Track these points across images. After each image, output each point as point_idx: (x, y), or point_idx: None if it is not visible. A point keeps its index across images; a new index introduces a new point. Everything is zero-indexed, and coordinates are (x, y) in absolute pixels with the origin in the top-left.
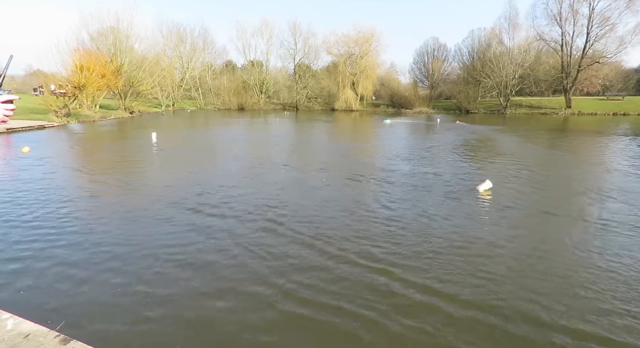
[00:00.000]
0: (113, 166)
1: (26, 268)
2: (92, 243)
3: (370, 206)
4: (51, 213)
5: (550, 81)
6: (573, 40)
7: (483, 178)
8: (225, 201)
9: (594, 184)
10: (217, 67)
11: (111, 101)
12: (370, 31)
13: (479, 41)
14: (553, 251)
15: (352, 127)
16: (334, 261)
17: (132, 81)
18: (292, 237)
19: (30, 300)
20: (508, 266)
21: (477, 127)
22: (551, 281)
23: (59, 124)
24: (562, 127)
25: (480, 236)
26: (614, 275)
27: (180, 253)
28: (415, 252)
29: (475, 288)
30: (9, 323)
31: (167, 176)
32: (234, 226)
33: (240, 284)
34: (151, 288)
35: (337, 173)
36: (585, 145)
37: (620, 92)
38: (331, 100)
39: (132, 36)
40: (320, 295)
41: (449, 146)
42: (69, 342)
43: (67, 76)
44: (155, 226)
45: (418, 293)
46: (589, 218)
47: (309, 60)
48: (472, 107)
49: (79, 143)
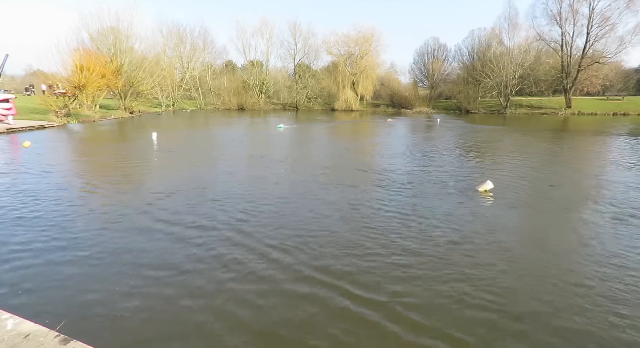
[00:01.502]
0: (113, 166)
1: (26, 269)
2: (92, 243)
3: (366, 213)
4: (51, 213)
5: (550, 81)
6: (573, 41)
7: (483, 178)
8: (227, 202)
9: (594, 184)
10: (217, 67)
11: (111, 101)
12: (370, 31)
13: (479, 41)
14: (556, 253)
15: (352, 127)
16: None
17: (132, 81)
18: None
19: (30, 300)
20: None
21: (477, 127)
22: (549, 281)
23: (59, 124)
24: (563, 128)
25: (480, 237)
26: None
27: (181, 253)
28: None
29: (475, 289)
30: (9, 323)
31: (166, 176)
32: (247, 230)
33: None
34: (151, 287)
35: (338, 173)
36: (586, 145)
37: (620, 92)
38: (331, 100)
39: (132, 36)
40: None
41: (449, 146)
42: (69, 342)
43: (67, 76)
44: (155, 226)
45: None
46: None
47: (309, 60)
48: (472, 107)
49: (78, 143)
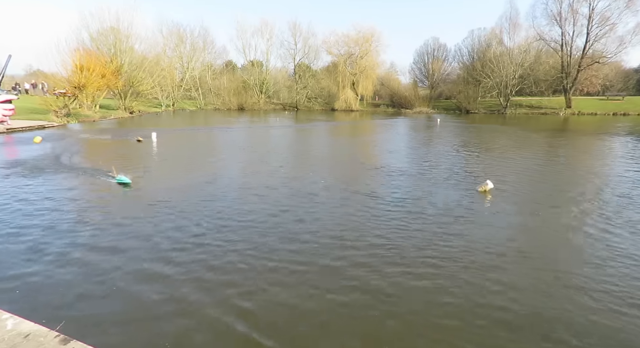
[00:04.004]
0: (112, 166)
1: (26, 269)
2: (92, 243)
3: (366, 214)
4: (51, 213)
5: (550, 81)
6: (573, 40)
7: (483, 178)
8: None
9: (594, 185)
10: (217, 67)
11: (111, 101)
12: (370, 31)
13: (479, 41)
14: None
15: (353, 127)
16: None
17: (132, 81)
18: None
19: (30, 300)
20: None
21: (478, 127)
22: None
23: (59, 124)
24: (563, 128)
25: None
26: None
27: (181, 254)
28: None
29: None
30: (9, 323)
31: (165, 176)
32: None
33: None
34: (151, 287)
35: (338, 174)
36: (587, 144)
37: (620, 92)
38: (331, 100)
39: (132, 36)
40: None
41: (450, 146)
42: (69, 342)
43: (67, 76)
44: (155, 227)
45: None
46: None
47: (309, 60)
48: (472, 107)
49: (78, 143)
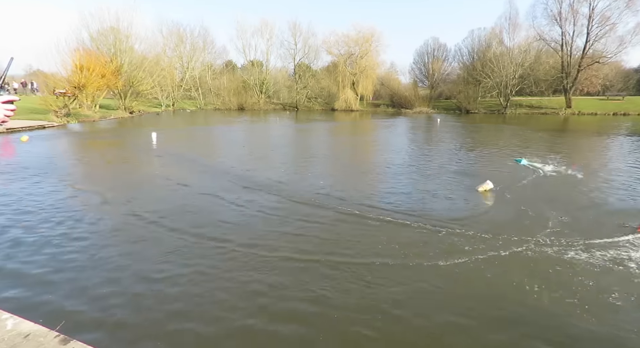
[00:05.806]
0: (112, 166)
1: (26, 269)
2: (92, 242)
3: (365, 213)
4: (50, 214)
5: (550, 80)
6: (573, 40)
7: (483, 178)
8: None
9: (595, 184)
10: (217, 67)
11: (111, 101)
12: (370, 31)
13: (479, 41)
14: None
15: (352, 127)
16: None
17: (132, 81)
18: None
19: (30, 300)
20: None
21: (478, 127)
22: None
23: (58, 124)
24: (563, 127)
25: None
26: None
27: (181, 253)
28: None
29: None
30: (8, 323)
31: (165, 177)
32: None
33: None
34: (151, 287)
35: (338, 174)
36: (587, 144)
37: (620, 92)
38: (331, 100)
39: (132, 36)
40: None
41: (450, 146)
42: (69, 342)
43: (67, 76)
44: (155, 227)
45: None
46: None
47: (309, 60)
48: (472, 107)
49: (78, 143)
